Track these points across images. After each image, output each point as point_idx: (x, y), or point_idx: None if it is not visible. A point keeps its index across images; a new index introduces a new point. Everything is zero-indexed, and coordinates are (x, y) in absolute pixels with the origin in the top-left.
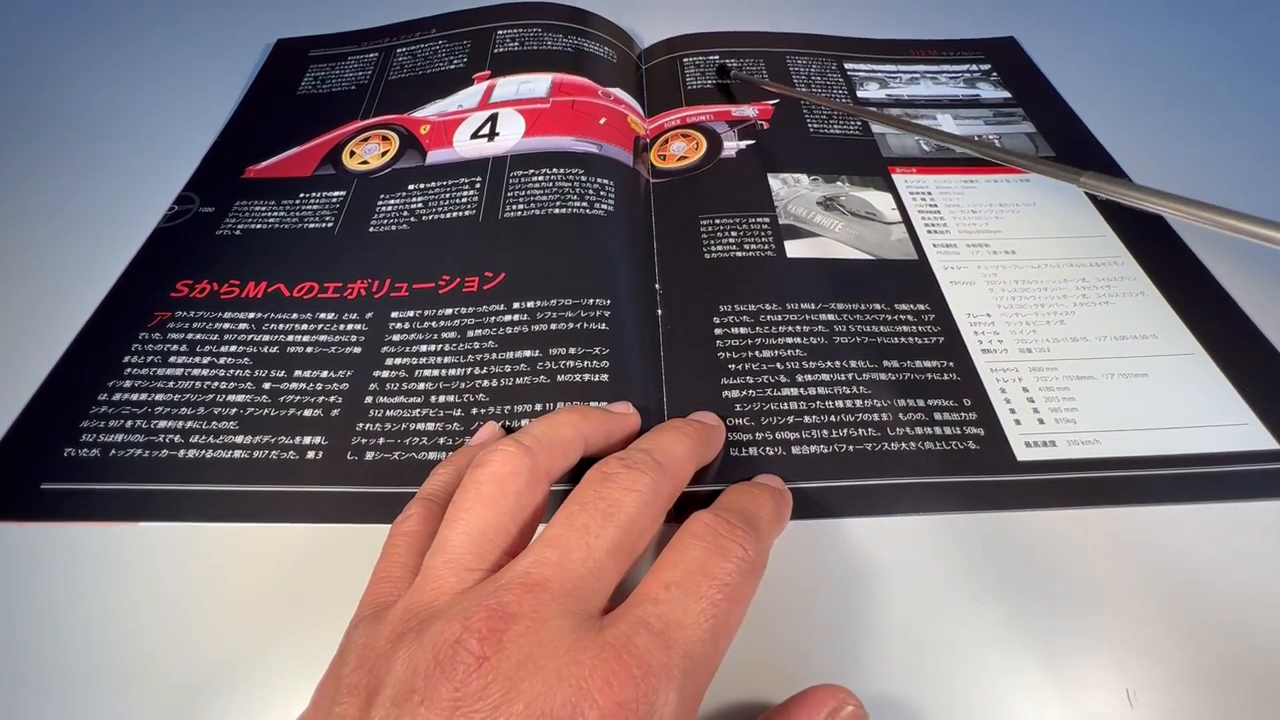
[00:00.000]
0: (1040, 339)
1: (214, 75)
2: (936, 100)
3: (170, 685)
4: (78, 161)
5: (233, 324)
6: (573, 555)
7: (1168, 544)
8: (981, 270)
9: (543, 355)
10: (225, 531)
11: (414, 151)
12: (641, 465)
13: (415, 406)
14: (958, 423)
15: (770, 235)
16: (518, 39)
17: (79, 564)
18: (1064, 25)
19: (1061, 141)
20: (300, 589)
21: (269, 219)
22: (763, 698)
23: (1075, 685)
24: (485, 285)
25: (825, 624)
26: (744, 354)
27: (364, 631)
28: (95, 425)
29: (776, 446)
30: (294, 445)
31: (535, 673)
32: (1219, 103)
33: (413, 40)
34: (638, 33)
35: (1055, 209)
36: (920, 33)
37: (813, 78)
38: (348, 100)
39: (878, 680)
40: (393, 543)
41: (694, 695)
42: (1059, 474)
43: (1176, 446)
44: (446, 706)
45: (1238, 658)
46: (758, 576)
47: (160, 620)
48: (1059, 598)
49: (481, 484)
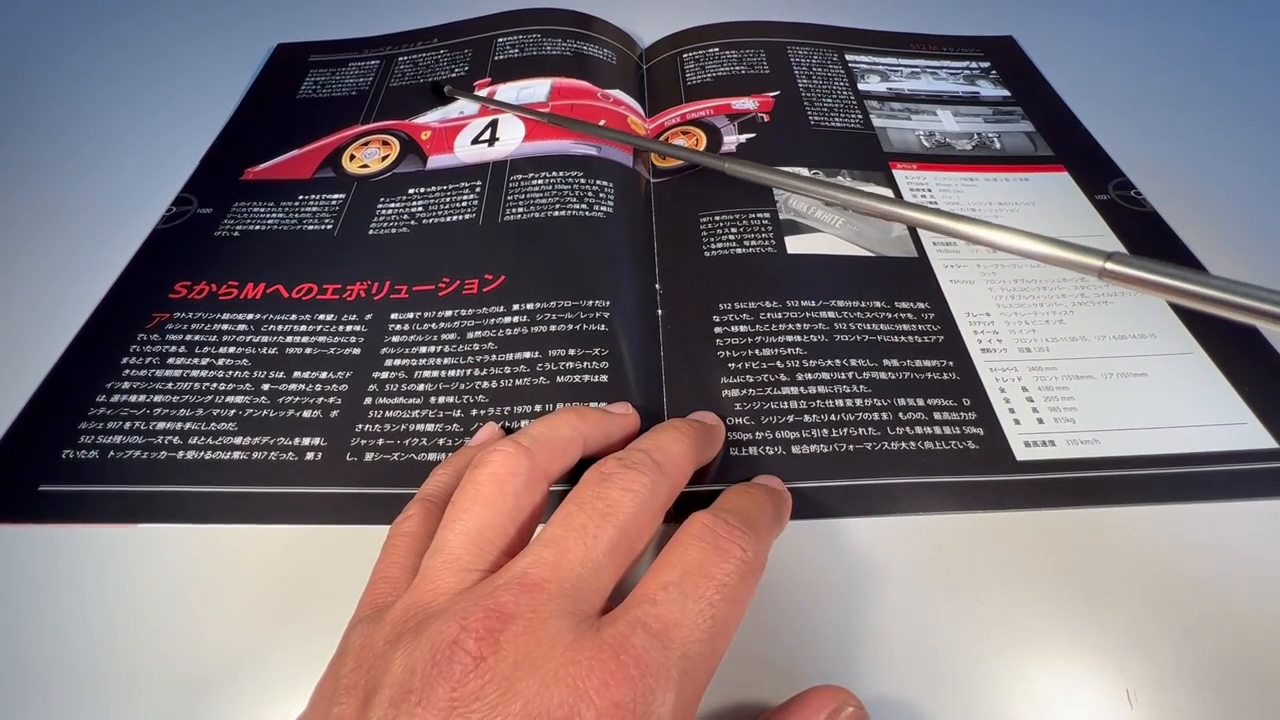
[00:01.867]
0: (1039, 338)
1: (214, 77)
2: (937, 96)
3: (169, 686)
4: (76, 162)
5: (231, 325)
6: (570, 555)
7: (1167, 543)
8: (981, 269)
9: (542, 356)
10: (224, 533)
11: (414, 156)
12: (639, 465)
13: (414, 408)
14: (957, 422)
15: (770, 231)
16: (518, 45)
17: (77, 566)
18: (1062, 25)
19: (1059, 141)
20: (299, 590)
21: (268, 221)
22: (763, 698)
23: (1075, 685)
24: (485, 287)
25: (825, 624)
26: (744, 352)
27: (362, 632)
28: (94, 427)
29: (776, 446)
30: (293, 446)
31: (532, 673)
32: (1216, 103)
33: (414, 49)
34: (638, 33)
35: (1054, 208)
36: (920, 28)
37: (814, 69)
38: (348, 105)
39: (878, 680)
40: (391, 543)
41: (692, 696)
42: (1058, 474)
43: (1175, 446)
44: (444, 707)
45: (1237, 657)
46: (756, 577)
47: (159, 622)
48: (1059, 598)
49: (480, 484)
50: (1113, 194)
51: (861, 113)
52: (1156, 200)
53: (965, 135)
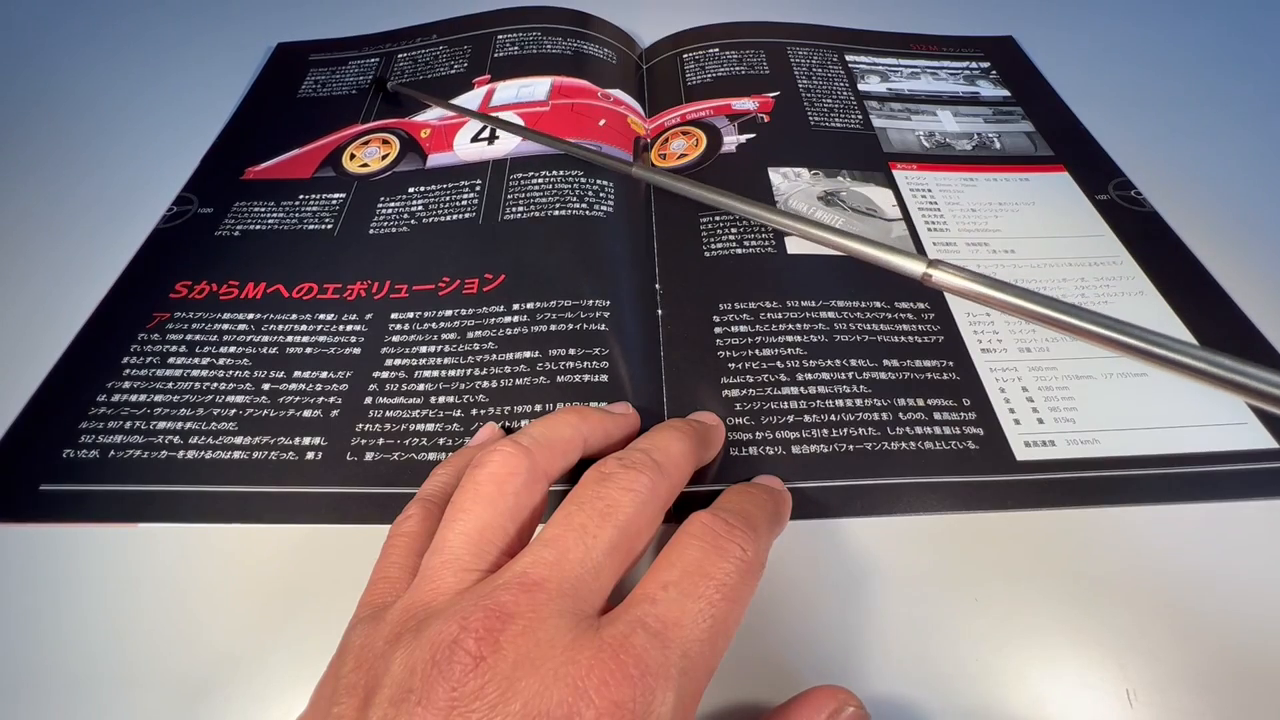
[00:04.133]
0: (1039, 338)
1: (214, 77)
2: (937, 96)
3: (169, 686)
4: (77, 162)
5: (232, 325)
6: (570, 555)
7: (1167, 543)
8: (981, 269)
9: (542, 356)
10: (224, 532)
11: (414, 155)
12: (639, 465)
13: (415, 407)
14: (957, 422)
15: (770, 231)
16: (517, 43)
17: (78, 565)
18: (1061, 25)
19: (1059, 141)
20: (299, 590)
21: (268, 220)
22: (763, 698)
23: (1075, 685)
24: (485, 287)
25: (825, 624)
26: (744, 352)
27: (362, 632)
28: (94, 426)
29: (776, 446)
30: (293, 446)
31: (532, 672)
32: (1217, 103)
33: (413, 46)
34: (638, 33)
35: (1054, 208)
36: (920, 29)
37: (814, 69)
38: (348, 104)
39: (878, 680)
40: (391, 543)
41: (691, 695)
42: (1058, 474)
43: (1175, 445)
44: (443, 706)
45: (1237, 657)
46: (756, 577)
47: (159, 621)
48: (1059, 598)
49: (480, 484)
50: (1113, 194)
51: (861, 113)
52: (1156, 200)
53: (965, 135)
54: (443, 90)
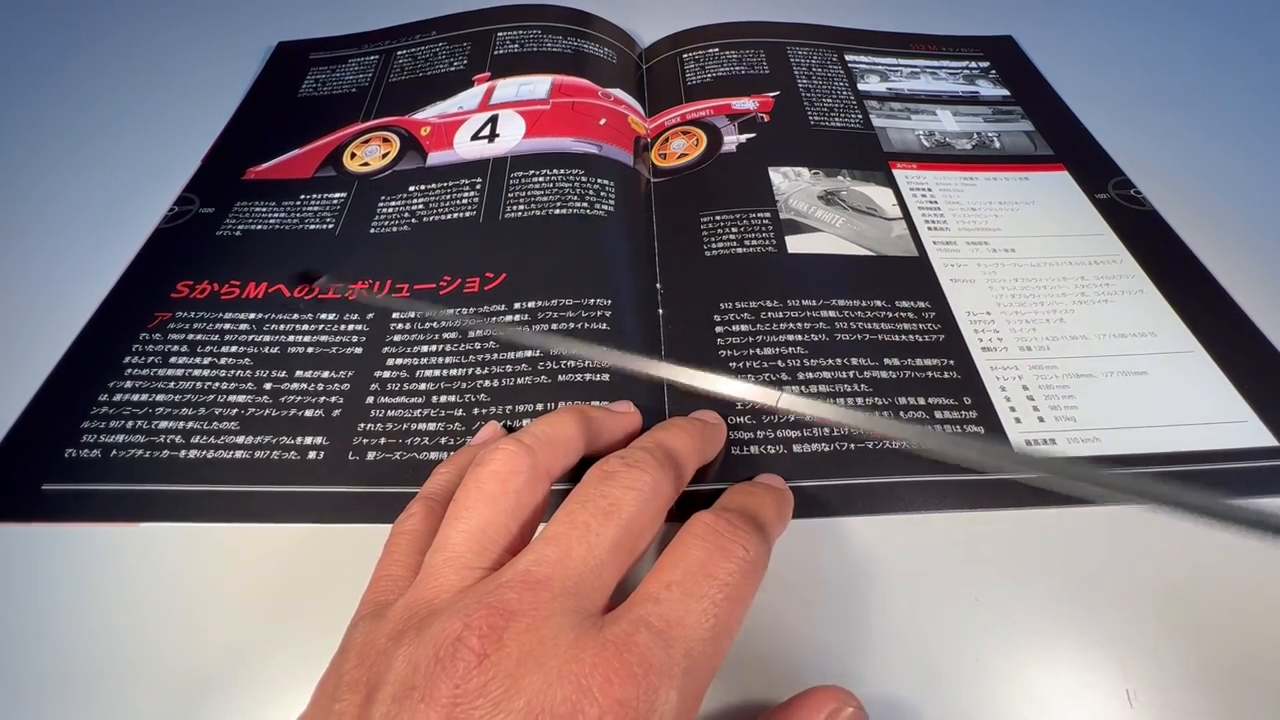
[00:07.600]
0: (1040, 337)
1: (214, 77)
2: (936, 95)
3: (171, 685)
4: (79, 162)
5: (233, 324)
6: (573, 553)
7: (1167, 543)
8: (981, 268)
9: (544, 355)
10: (226, 532)
11: (415, 153)
12: (642, 463)
13: (416, 407)
14: (958, 421)
15: (771, 230)
16: (518, 41)
17: (80, 565)
18: (1062, 25)
19: (1059, 140)
20: (301, 589)
21: (269, 220)
22: (763, 698)
23: (1075, 685)
24: (486, 286)
25: (825, 623)
26: (745, 351)
27: (365, 629)
28: (96, 426)
29: (778, 445)
30: (295, 445)
31: (535, 670)
32: (1216, 102)
33: (413, 43)
34: (638, 32)
35: (1054, 207)
36: (920, 28)
37: (814, 69)
38: (348, 102)
39: (878, 680)
40: (394, 541)
41: (694, 694)
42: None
43: (1176, 444)
44: (446, 703)
45: (1237, 657)
46: (759, 576)
47: (161, 621)
48: (1059, 597)
49: (482, 482)
50: (1113, 193)
51: (861, 112)
52: (1156, 199)
53: (965, 135)
54: (443, 88)
